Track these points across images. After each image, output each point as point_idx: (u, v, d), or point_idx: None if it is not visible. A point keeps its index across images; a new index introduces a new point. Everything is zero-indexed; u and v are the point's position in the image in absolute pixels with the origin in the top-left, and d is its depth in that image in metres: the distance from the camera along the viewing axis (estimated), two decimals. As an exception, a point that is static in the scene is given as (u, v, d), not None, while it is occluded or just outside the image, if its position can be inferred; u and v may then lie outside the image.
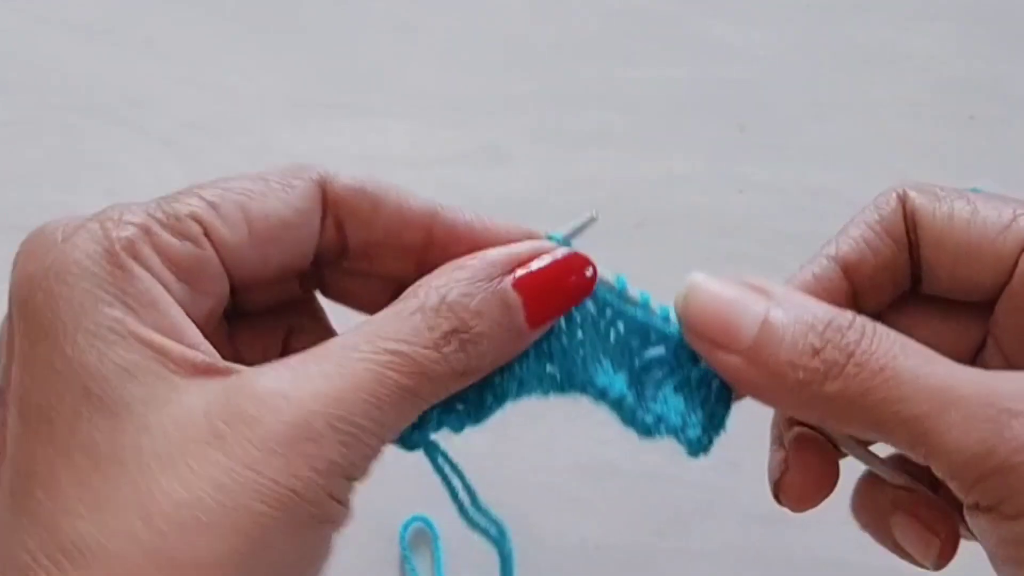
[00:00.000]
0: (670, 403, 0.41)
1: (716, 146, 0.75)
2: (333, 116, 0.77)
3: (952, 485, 0.36)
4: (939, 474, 0.36)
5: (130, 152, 0.76)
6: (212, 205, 0.37)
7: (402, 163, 0.75)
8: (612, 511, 0.61)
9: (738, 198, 0.73)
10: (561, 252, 0.40)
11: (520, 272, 0.38)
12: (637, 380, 0.41)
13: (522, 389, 0.40)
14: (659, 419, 0.41)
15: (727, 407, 0.42)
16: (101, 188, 0.74)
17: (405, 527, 0.61)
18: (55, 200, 0.74)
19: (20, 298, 0.34)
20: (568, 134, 0.76)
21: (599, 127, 0.76)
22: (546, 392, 0.40)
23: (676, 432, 0.41)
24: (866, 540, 0.61)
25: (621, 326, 0.41)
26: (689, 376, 0.41)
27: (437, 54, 0.80)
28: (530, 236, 0.41)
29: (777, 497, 0.43)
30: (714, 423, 0.42)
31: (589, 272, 0.40)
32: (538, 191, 0.74)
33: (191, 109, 0.77)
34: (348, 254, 0.41)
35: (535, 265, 0.39)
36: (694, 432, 0.41)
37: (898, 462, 0.44)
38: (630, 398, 0.41)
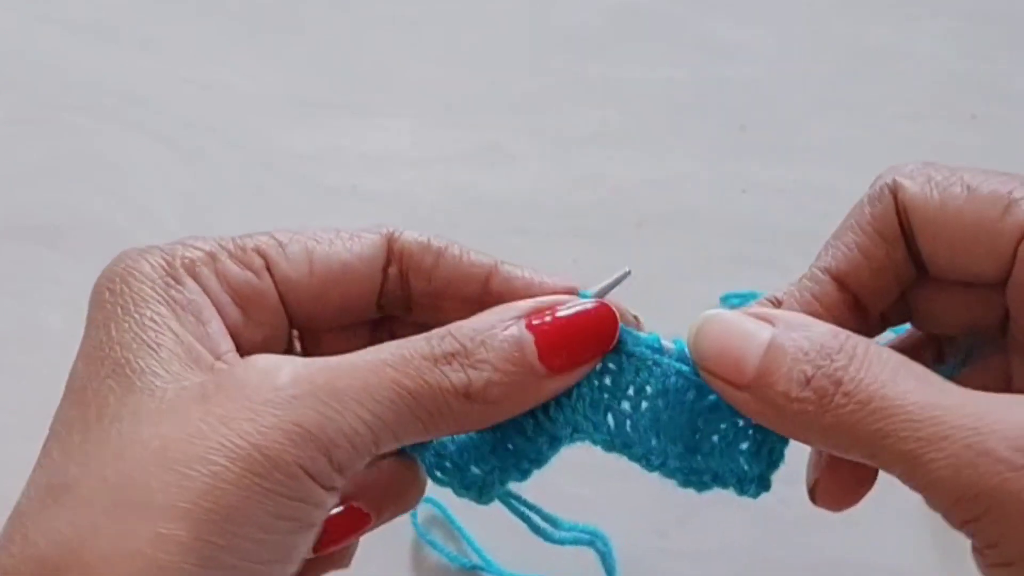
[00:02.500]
0: (724, 457, 0.41)
1: (717, 146, 0.75)
2: (335, 115, 0.77)
3: (949, 522, 0.35)
4: (936, 509, 0.35)
5: (132, 152, 0.76)
6: (280, 243, 0.40)
7: (403, 162, 0.75)
8: (613, 510, 0.60)
9: (739, 198, 0.73)
10: (586, 302, 0.40)
11: (537, 319, 0.39)
12: (692, 439, 0.41)
13: (576, 436, 0.41)
14: (715, 477, 0.42)
15: (784, 441, 0.42)
16: (103, 188, 0.74)
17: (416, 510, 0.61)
18: (56, 200, 0.74)
19: (93, 300, 0.38)
20: (569, 134, 0.76)
21: (600, 127, 0.76)
22: (599, 444, 0.41)
23: (731, 487, 0.42)
24: (866, 540, 0.61)
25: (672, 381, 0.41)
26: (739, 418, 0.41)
27: (439, 53, 0.80)
28: (577, 287, 0.42)
29: (813, 499, 0.43)
30: (772, 459, 0.42)
31: (611, 317, 0.40)
32: (539, 190, 0.74)
33: (193, 108, 0.77)
34: (412, 305, 0.42)
35: (556, 312, 0.39)
36: (749, 485, 0.42)
37: None
38: (682, 473, 0.41)
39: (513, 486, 0.43)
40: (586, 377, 0.40)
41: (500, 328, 0.38)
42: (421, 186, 0.74)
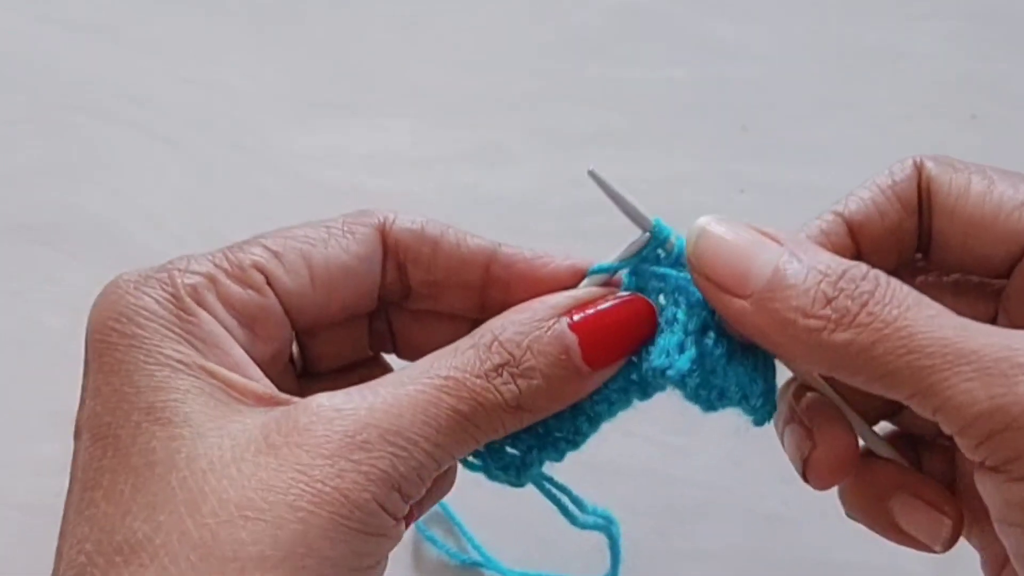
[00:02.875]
0: (729, 375, 0.40)
1: (718, 146, 0.75)
2: (335, 115, 0.77)
3: (960, 442, 0.35)
4: (947, 429, 0.35)
5: (132, 151, 0.76)
6: (275, 254, 0.39)
7: (403, 162, 0.75)
8: (615, 510, 0.60)
9: (740, 198, 0.73)
10: (624, 296, 0.40)
11: (578, 314, 0.39)
12: (697, 350, 0.40)
13: (613, 408, 0.40)
14: (722, 394, 0.40)
15: (774, 370, 0.41)
16: (104, 187, 0.74)
17: None
18: (58, 200, 0.74)
19: (96, 340, 0.37)
20: (569, 134, 0.76)
21: (600, 127, 0.76)
22: (631, 402, 0.41)
23: (740, 405, 0.41)
24: (867, 540, 0.61)
25: (679, 297, 0.40)
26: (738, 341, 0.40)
27: (439, 53, 0.80)
28: (582, 267, 0.42)
29: (805, 476, 0.42)
30: (769, 388, 0.41)
31: (649, 311, 0.40)
32: (539, 190, 0.74)
33: (194, 108, 0.77)
34: (411, 294, 0.42)
35: (594, 308, 0.39)
36: (756, 402, 0.41)
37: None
38: (695, 377, 0.40)
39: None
40: None
41: (544, 330, 0.38)
42: (421, 186, 0.74)
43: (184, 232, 0.72)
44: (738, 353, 0.40)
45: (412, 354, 0.44)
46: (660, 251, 0.41)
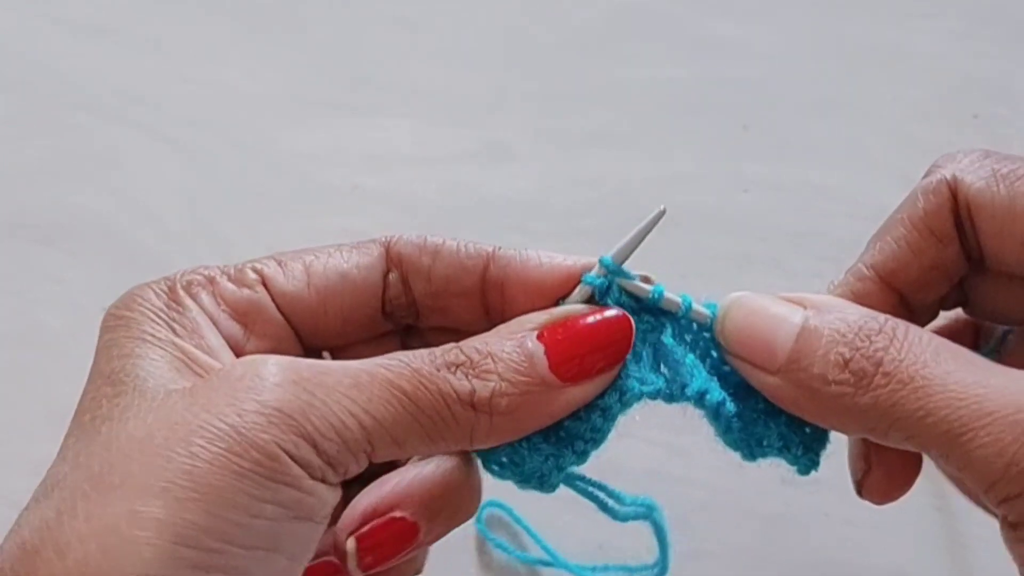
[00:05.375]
0: (771, 425, 0.40)
1: (720, 145, 0.75)
2: (336, 114, 0.77)
3: (986, 500, 0.35)
4: (974, 487, 0.35)
5: (132, 151, 0.76)
6: (278, 262, 0.41)
7: (405, 161, 0.75)
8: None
9: (742, 197, 0.73)
10: (606, 312, 0.39)
11: (548, 327, 0.39)
12: (737, 403, 0.41)
13: (626, 400, 0.40)
14: (761, 442, 0.41)
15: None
16: (103, 187, 0.74)
17: (482, 509, 0.61)
18: (58, 199, 0.74)
19: (101, 328, 0.39)
20: (571, 133, 0.76)
21: (603, 126, 0.76)
22: (656, 398, 0.41)
23: (780, 454, 0.41)
24: (867, 540, 0.61)
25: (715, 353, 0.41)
26: None
27: (440, 52, 0.80)
28: (575, 270, 0.41)
29: (860, 493, 0.42)
30: (817, 437, 0.41)
31: (625, 325, 0.39)
32: (541, 190, 0.74)
33: (194, 107, 0.77)
34: (419, 309, 0.42)
35: (568, 321, 0.39)
36: (797, 452, 0.41)
37: None
38: (729, 408, 0.40)
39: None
40: None
41: (508, 340, 0.38)
42: (422, 185, 0.74)
43: (184, 231, 0.72)
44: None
45: None
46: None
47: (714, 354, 0.41)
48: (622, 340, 0.39)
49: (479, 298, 0.41)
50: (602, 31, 0.81)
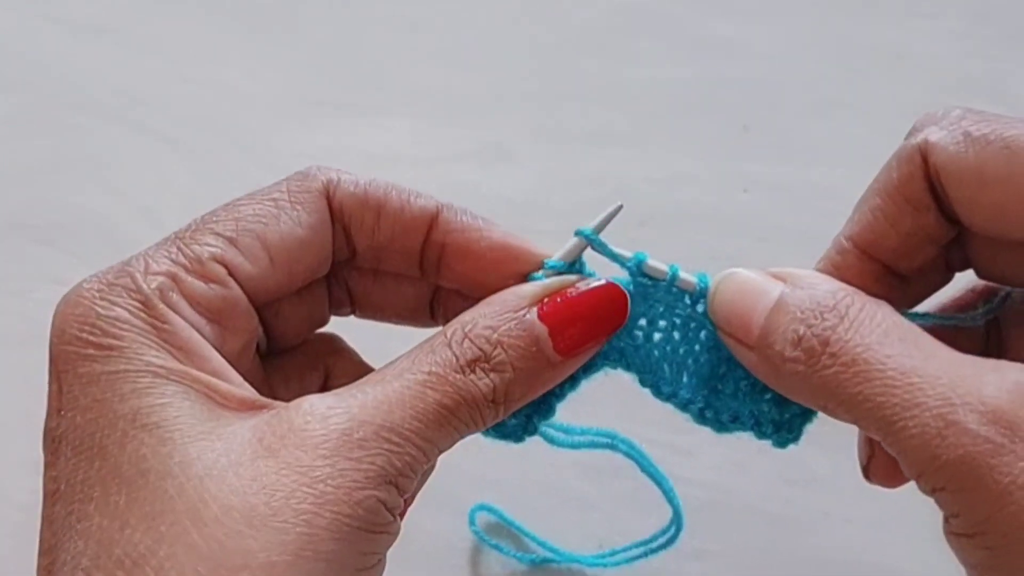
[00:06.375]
0: (747, 400, 0.41)
1: (720, 145, 0.75)
2: (335, 114, 0.77)
3: (919, 489, 0.35)
4: (908, 476, 0.35)
5: (133, 150, 0.76)
6: (231, 241, 0.38)
7: (404, 161, 0.75)
8: (616, 510, 0.60)
9: (742, 197, 0.73)
10: (594, 282, 0.40)
11: (547, 304, 0.39)
12: (712, 378, 0.41)
13: (592, 367, 0.41)
14: (735, 418, 0.41)
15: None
16: (103, 186, 0.74)
17: (473, 513, 0.61)
18: (57, 199, 0.74)
19: (66, 352, 0.35)
20: (571, 133, 0.76)
21: (603, 126, 0.76)
22: (615, 368, 0.41)
23: (751, 430, 0.41)
24: (867, 540, 0.61)
25: (694, 327, 0.41)
26: None
27: (440, 52, 0.80)
28: (517, 246, 0.41)
29: (867, 478, 0.42)
30: (793, 412, 0.41)
31: (621, 298, 0.40)
32: (541, 190, 0.74)
33: (194, 107, 0.77)
34: (356, 256, 0.42)
35: (563, 296, 0.39)
36: (767, 427, 0.41)
37: None
38: (697, 404, 0.41)
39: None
40: None
41: (513, 323, 0.38)
42: (422, 185, 0.73)
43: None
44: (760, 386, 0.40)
45: (370, 312, 0.44)
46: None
47: (692, 326, 0.41)
48: (617, 313, 0.40)
49: (417, 255, 0.41)
50: (602, 31, 0.81)
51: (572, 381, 0.41)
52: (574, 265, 0.41)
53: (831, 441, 0.43)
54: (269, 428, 0.35)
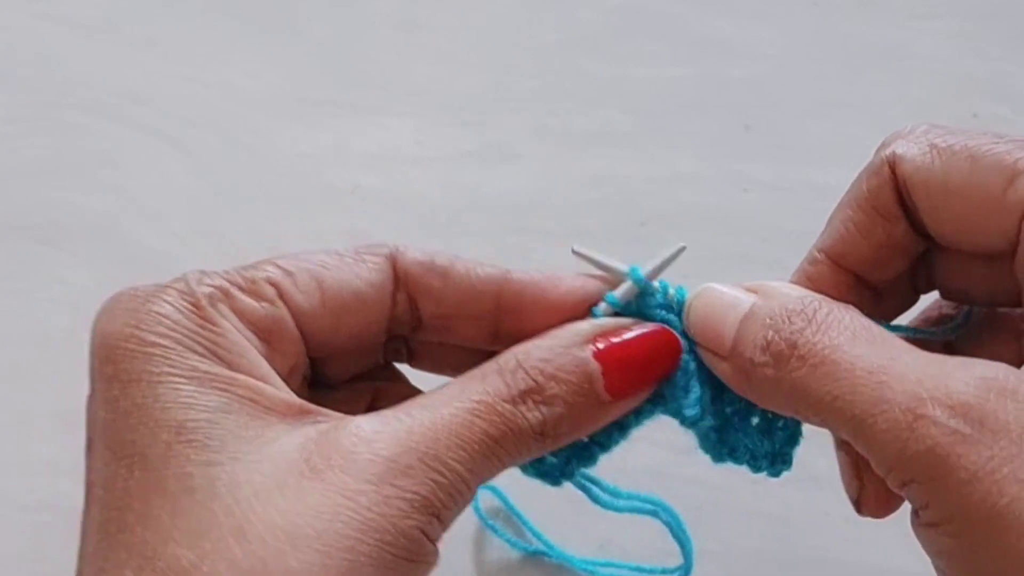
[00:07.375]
0: (738, 432, 0.41)
1: (721, 145, 0.75)
2: (337, 114, 0.77)
3: (891, 485, 0.35)
4: (878, 472, 0.35)
5: (133, 150, 0.76)
6: (287, 272, 0.39)
7: (406, 161, 0.75)
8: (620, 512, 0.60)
9: (743, 197, 0.73)
10: (649, 327, 0.40)
11: (602, 343, 0.39)
12: (720, 408, 0.41)
13: (640, 419, 0.41)
14: (731, 452, 0.42)
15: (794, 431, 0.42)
16: (104, 186, 0.74)
17: (476, 497, 0.61)
18: (59, 199, 0.74)
19: (109, 350, 0.35)
20: (573, 133, 0.76)
21: (604, 126, 0.76)
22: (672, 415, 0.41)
23: (746, 464, 0.42)
24: (867, 540, 0.61)
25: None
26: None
27: (442, 52, 0.80)
28: (595, 284, 0.41)
29: (859, 511, 0.42)
30: (788, 435, 0.42)
31: (674, 343, 0.40)
32: (543, 189, 0.74)
33: (195, 107, 0.77)
34: (422, 326, 0.42)
35: (618, 338, 0.39)
36: (761, 462, 0.42)
37: None
38: (707, 424, 0.41)
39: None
40: None
41: (568, 358, 0.38)
42: (423, 185, 0.74)
43: (185, 231, 0.72)
44: (748, 411, 0.41)
45: (428, 369, 0.44)
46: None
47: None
48: (671, 356, 0.40)
49: (491, 322, 0.41)
50: (603, 30, 0.81)
51: (622, 428, 0.41)
52: (631, 304, 0.41)
53: (831, 441, 0.43)
54: (316, 447, 0.35)
